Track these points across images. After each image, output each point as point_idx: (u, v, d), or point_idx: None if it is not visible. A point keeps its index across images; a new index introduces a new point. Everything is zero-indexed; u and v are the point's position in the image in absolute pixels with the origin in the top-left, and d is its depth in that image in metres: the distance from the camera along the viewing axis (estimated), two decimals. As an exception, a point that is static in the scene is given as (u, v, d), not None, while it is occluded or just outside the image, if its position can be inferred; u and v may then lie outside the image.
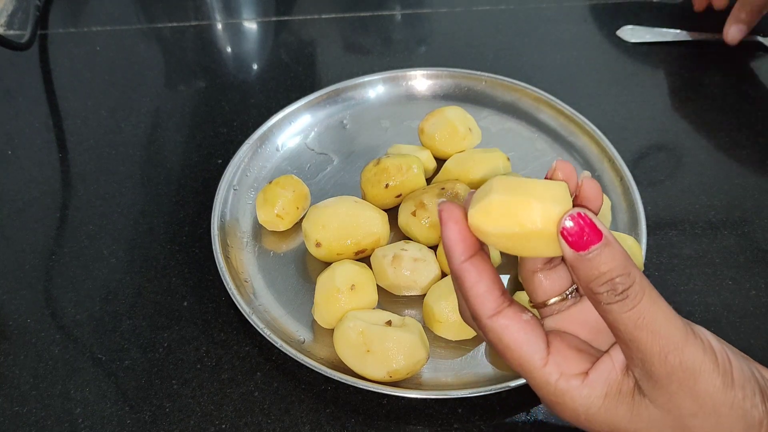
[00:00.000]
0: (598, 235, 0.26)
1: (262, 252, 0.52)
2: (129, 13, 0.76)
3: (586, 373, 0.29)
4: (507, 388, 0.41)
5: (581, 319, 0.30)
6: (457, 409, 0.43)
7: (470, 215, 0.28)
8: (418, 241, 0.49)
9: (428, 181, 0.55)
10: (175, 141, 0.61)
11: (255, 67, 0.71)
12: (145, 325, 0.48)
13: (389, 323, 0.43)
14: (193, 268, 0.51)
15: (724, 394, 0.27)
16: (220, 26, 0.75)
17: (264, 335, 0.44)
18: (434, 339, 0.45)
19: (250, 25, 0.76)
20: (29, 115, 0.65)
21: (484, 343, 0.45)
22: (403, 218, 0.50)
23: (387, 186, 0.51)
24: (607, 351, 0.29)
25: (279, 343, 0.44)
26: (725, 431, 0.27)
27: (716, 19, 0.72)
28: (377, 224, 0.48)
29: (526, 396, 0.43)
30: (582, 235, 0.26)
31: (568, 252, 0.26)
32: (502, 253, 0.48)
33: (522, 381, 0.41)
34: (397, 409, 0.43)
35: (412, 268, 0.46)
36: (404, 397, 0.42)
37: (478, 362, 0.45)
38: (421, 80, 0.63)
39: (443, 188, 0.49)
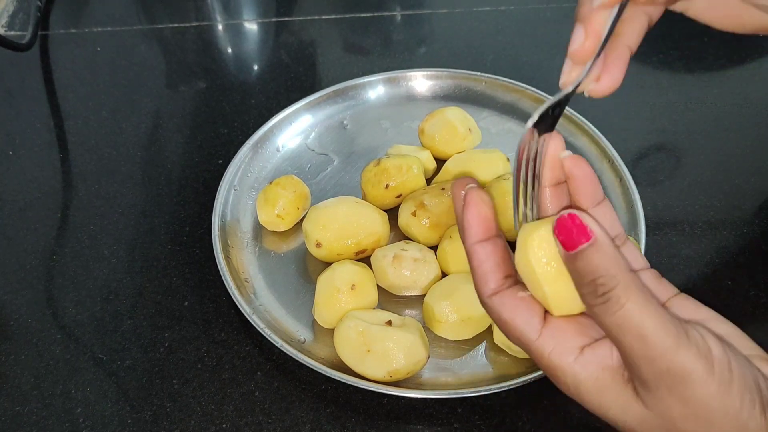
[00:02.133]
0: (585, 235, 0.27)
1: (263, 252, 0.52)
2: (130, 14, 0.77)
3: (582, 349, 0.29)
4: (507, 388, 0.41)
5: None
6: (457, 409, 0.43)
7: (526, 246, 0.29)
8: (418, 242, 0.49)
9: (428, 181, 0.55)
10: (175, 141, 0.62)
11: (255, 67, 0.71)
12: (146, 325, 0.48)
13: (389, 323, 0.43)
14: (194, 268, 0.51)
15: (720, 401, 0.26)
16: (220, 27, 0.75)
17: (264, 335, 0.44)
18: (434, 339, 0.45)
19: (251, 26, 0.76)
20: (30, 115, 0.65)
21: (484, 343, 0.46)
22: (404, 218, 0.50)
23: (387, 186, 0.51)
24: (604, 337, 0.29)
25: (279, 343, 0.44)
26: None
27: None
28: (377, 224, 0.48)
29: (526, 396, 0.43)
30: (570, 235, 0.27)
31: (562, 252, 0.27)
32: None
33: (522, 381, 0.41)
34: (397, 409, 0.43)
35: (412, 268, 0.47)
36: (404, 396, 0.42)
37: (478, 362, 0.45)
38: (421, 81, 0.63)
39: (443, 188, 0.50)
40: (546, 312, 0.30)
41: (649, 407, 0.28)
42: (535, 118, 0.30)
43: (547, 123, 0.32)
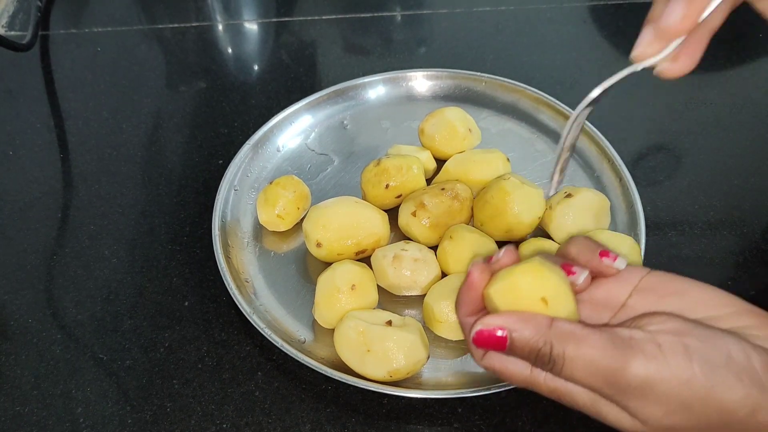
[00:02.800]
0: (500, 341, 0.30)
1: (263, 252, 0.52)
2: (130, 14, 0.77)
3: None
4: (507, 388, 0.41)
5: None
6: (457, 408, 0.43)
7: (487, 292, 0.32)
8: (418, 242, 0.49)
9: (428, 181, 0.55)
10: (176, 142, 0.62)
11: (256, 67, 0.71)
12: (147, 325, 0.48)
13: (389, 323, 0.43)
14: (194, 269, 0.51)
15: (689, 389, 0.27)
16: (221, 27, 0.75)
17: (265, 335, 0.44)
18: (434, 339, 0.46)
19: (251, 26, 0.76)
20: (30, 115, 0.65)
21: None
22: (404, 218, 0.50)
23: (387, 186, 0.51)
24: None
25: (280, 343, 0.44)
26: (702, 419, 0.28)
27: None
28: (377, 224, 0.48)
29: (526, 396, 0.43)
30: (492, 345, 0.30)
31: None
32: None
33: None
34: (397, 409, 0.43)
35: (412, 268, 0.47)
36: (404, 396, 0.42)
37: (478, 362, 0.45)
38: (421, 81, 0.63)
39: (443, 188, 0.50)
40: None
41: (632, 415, 0.29)
42: (598, 91, 0.30)
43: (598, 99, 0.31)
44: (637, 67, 0.30)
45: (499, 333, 0.30)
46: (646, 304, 0.32)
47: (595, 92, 0.30)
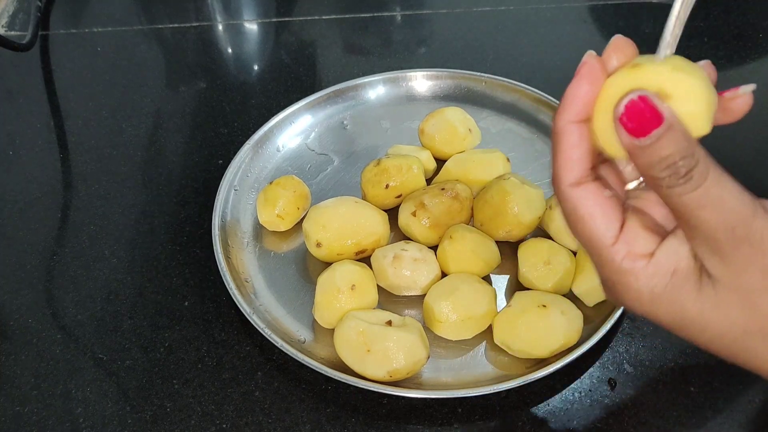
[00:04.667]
0: (658, 118, 0.25)
1: (263, 252, 0.52)
2: (130, 14, 0.77)
3: (653, 253, 0.28)
4: (507, 388, 0.41)
5: (658, 200, 0.29)
6: (457, 409, 0.43)
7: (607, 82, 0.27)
8: (418, 242, 0.49)
9: (428, 181, 0.55)
10: (176, 142, 0.62)
11: (256, 67, 0.71)
12: (146, 324, 0.48)
13: (389, 323, 0.43)
14: (194, 268, 0.51)
15: None
16: (220, 27, 0.75)
17: (265, 335, 0.44)
18: (434, 339, 0.46)
19: (251, 26, 0.76)
20: (30, 115, 0.65)
21: (484, 343, 0.46)
22: (404, 218, 0.50)
23: (387, 186, 0.51)
24: (673, 230, 0.28)
25: (279, 343, 0.44)
26: None
27: (714, 20, 0.72)
28: (377, 224, 0.48)
29: (526, 396, 0.43)
30: (641, 121, 0.25)
31: (626, 139, 0.26)
32: (502, 254, 0.49)
33: (522, 381, 0.41)
34: (397, 409, 0.43)
35: (412, 268, 0.47)
36: (404, 396, 0.42)
37: (478, 362, 0.45)
38: (421, 81, 0.63)
39: (443, 188, 0.50)
40: (624, 217, 0.28)
41: (725, 284, 0.26)
42: None
43: None
44: None
45: (663, 112, 0.25)
46: None
47: None
